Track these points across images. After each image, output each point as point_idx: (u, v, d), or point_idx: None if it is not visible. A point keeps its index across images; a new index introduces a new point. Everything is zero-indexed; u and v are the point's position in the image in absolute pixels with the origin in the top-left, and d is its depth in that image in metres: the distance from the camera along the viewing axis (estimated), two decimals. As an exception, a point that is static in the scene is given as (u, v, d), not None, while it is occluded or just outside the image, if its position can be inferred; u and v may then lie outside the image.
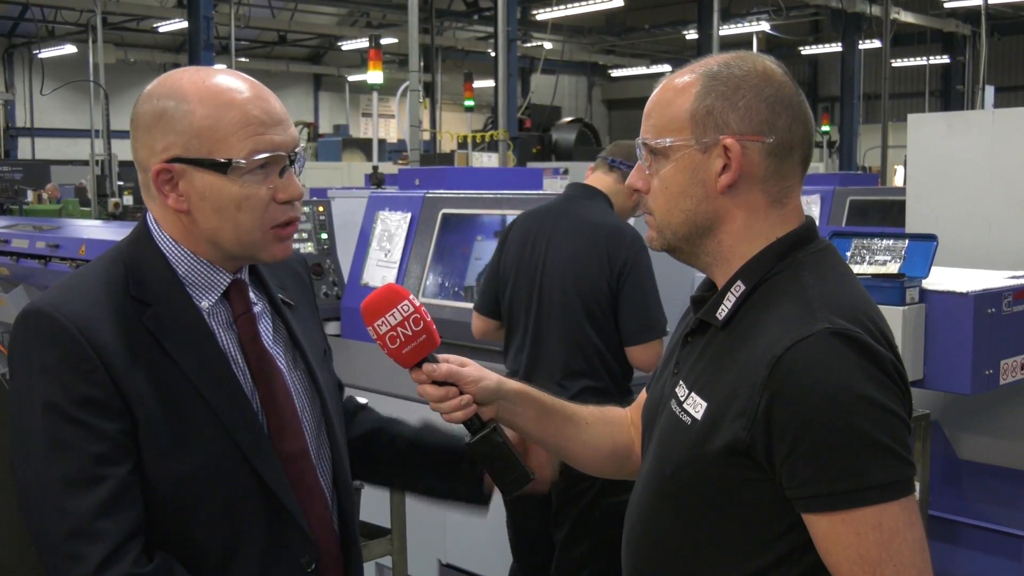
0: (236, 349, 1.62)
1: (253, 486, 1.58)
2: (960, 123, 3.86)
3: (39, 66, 25.85)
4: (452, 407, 1.63)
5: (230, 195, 1.53)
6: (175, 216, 1.58)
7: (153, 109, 1.55)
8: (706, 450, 1.42)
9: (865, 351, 1.34)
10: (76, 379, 1.47)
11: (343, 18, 27.26)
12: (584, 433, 1.80)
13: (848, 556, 1.33)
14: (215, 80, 1.56)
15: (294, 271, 1.83)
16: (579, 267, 3.36)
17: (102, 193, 15.99)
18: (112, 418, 1.48)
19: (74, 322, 1.48)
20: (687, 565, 1.49)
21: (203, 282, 1.61)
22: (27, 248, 6.34)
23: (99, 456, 1.46)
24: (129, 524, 1.47)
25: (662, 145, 1.49)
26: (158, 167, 1.54)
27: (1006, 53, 26.86)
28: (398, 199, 5.12)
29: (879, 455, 1.31)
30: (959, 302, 2.75)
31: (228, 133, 1.52)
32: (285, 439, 1.63)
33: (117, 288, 1.55)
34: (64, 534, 1.45)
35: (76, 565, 1.44)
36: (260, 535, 1.59)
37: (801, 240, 1.49)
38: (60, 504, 1.45)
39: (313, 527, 1.65)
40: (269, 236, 1.59)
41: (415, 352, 1.60)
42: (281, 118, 1.58)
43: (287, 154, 1.57)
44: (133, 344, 1.51)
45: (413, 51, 11.60)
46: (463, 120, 21.26)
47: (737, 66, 1.48)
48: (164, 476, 1.52)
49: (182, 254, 1.60)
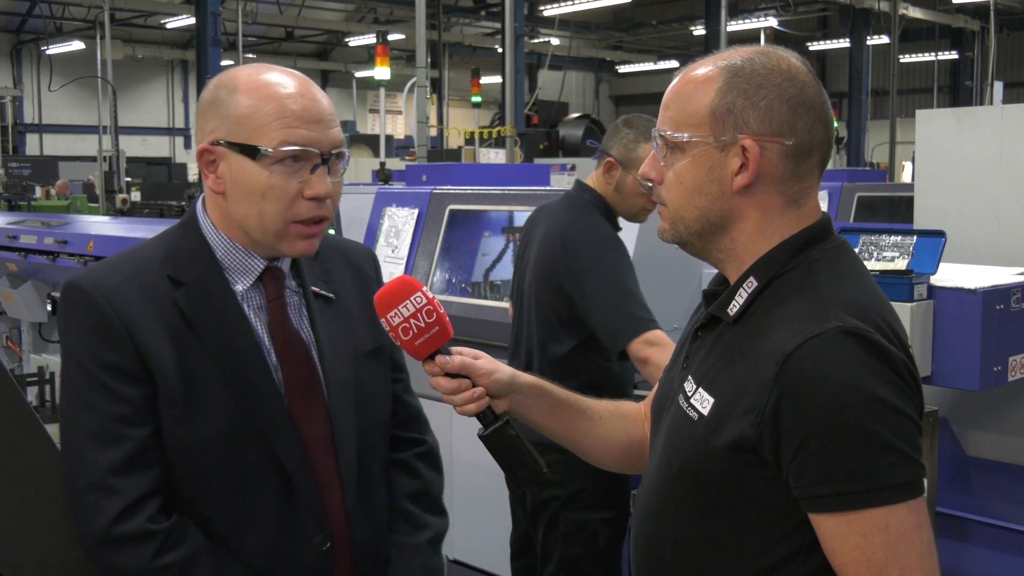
0: (264, 331, 1.70)
1: (268, 462, 1.65)
2: (969, 119, 3.85)
3: (47, 62, 25.95)
4: (465, 399, 1.62)
5: (257, 182, 1.61)
6: (215, 199, 1.69)
7: (210, 97, 1.67)
8: (712, 446, 1.41)
9: (876, 351, 1.32)
10: (102, 346, 1.60)
11: (350, 14, 27.26)
12: (598, 428, 1.79)
13: (854, 557, 1.31)
14: (266, 75, 1.66)
15: (355, 265, 1.89)
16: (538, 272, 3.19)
17: (110, 189, 16.04)
18: (133, 384, 1.60)
19: (104, 295, 1.61)
20: (694, 561, 1.48)
21: (239, 266, 1.70)
22: (35, 244, 6.35)
23: (120, 417, 1.59)
24: (146, 483, 1.59)
25: (680, 140, 1.47)
26: (202, 147, 1.66)
27: (1015, 49, 26.77)
28: (405, 195, 5.12)
29: (888, 456, 1.30)
30: (967, 298, 2.74)
31: (264, 122, 1.60)
32: (306, 422, 1.69)
33: (153, 268, 1.67)
34: (85, 485, 1.59)
35: (94, 516, 1.58)
36: (272, 510, 1.66)
37: (816, 237, 1.47)
38: (82, 456, 1.60)
39: (329, 510, 1.70)
40: (292, 230, 1.65)
41: (428, 344, 1.60)
42: (321, 117, 1.64)
43: (320, 152, 1.62)
44: (160, 319, 1.63)
45: (420, 47, 11.59)
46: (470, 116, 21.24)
47: (761, 63, 1.45)
48: (179, 442, 1.62)
49: (221, 239, 1.70)
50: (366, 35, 25.13)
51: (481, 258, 4.99)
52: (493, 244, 5.02)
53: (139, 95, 29.62)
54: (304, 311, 1.76)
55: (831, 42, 26.60)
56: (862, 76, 23.19)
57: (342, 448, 1.73)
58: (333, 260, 1.84)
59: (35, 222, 7.16)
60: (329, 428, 1.72)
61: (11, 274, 6.84)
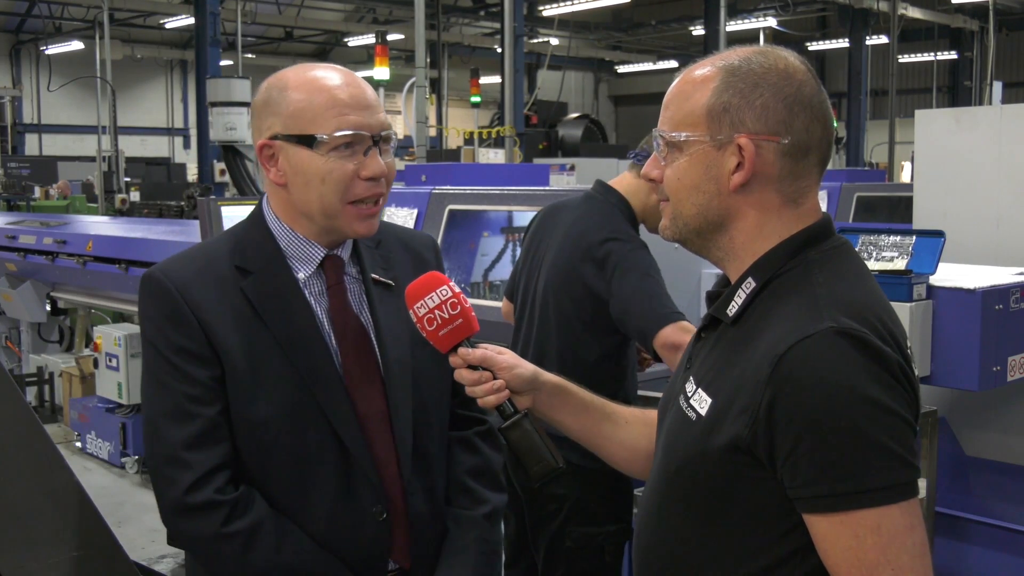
0: (325, 315, 1.82)
1: (328, 437, 1.77)
2: (968, 119, 3.85)
3: (46, 62, 25.97)
4: (485, 391, 1.66)
5: (316, 168, 1.73)
6: (277, 191, 1.81)
7: (263, 98, 1.80)
8: (709, 446, 1.41)
9: (870, 351, 1.32)
10: (174, 331, 1.74)
11: (349, 14, 27.27)
12: (622, 432, 1.79)
13: (846, 558, 1.31)
14: (314, 72, 1.79)
15: (416, 252, 1.99)
16: (557, 270, 3.10)
17: (109, 189, 16.04)
18: (203, 366, 1.73)
19: (175, 284, 1.75)
20: (692, 562, 1.48)
21: (301, 255, 1.83)
22: (34, 244, 6.35)
23: (192, 397, 1.73)
24: (216, 457, 1.72)
25: (678, 139, 1.48)
26: (261, 143, 1.78)
27: (1014, 49, 26.80)
28: (405, 195, 5.12)
29: (880, 457, 1.29)
30: (967, 298, 2.74)
31: (317, 113, 1.73)
32: (364, 400, 1.80)
33: (222, 259, 1.81)
34: (162, 459, 1.73)
35: (169, 487, 1.72)
36: (332, 483, 1.78)
37: (814, 237, 1.48)
38: (159, 432, 1.74)
39: (386, 482, 1.81)
40: (351, 211, 1.76)
41: (452, 335, 1.66)
42: (369, 103, 1.77)
43: (371, 135, 1.75)
44: (228, 305, 1.76)
45: (420, 47, 11.60)
46: (469, 116, 21.27)
47: (758, 62, 1.45)
48: (245, 420, 1.75)
49: (283, 230, 1.83)
50: (365, 35, 25.14)
51: (480, 258, 4.99)
52: (492, 244, 5.02)
53: (138, 95, 29.63)
54: (364, 297, 1.87)
55: (830, 42, 26.62)
56: (861, 76, 23.20)
57: (398, 424, 1.83)
58: (394, 248, 1.95)
59: (34, 222, 7.16)
60: (386, 405, 1.82)
61: (10, 274, 6.84)
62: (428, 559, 1.88)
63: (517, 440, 1.67)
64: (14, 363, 7.42)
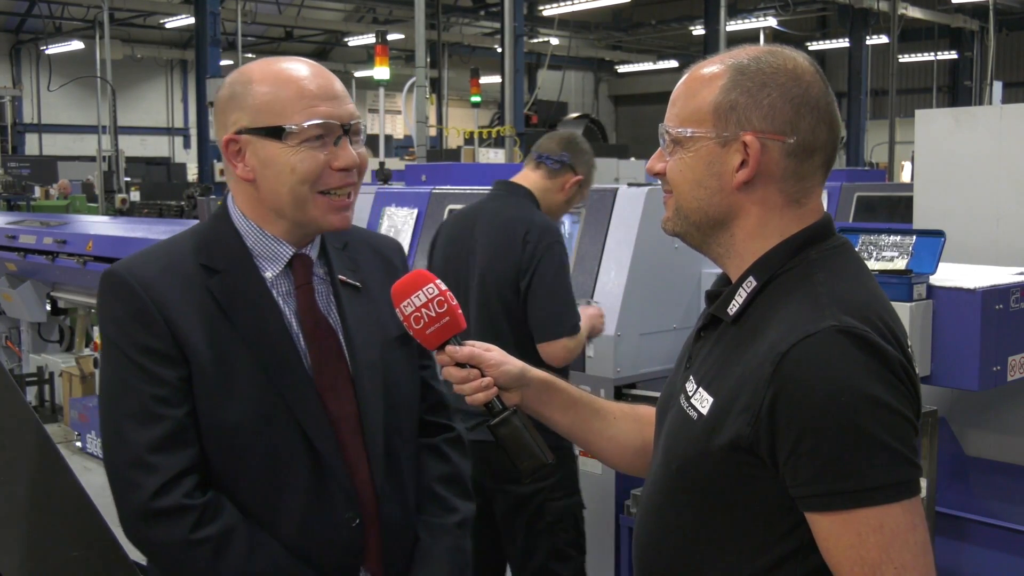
0: (293, 315, 1.77)
1: (298, 440, 1.72)
2: (968, 119, 3.85)
3: (46, 62, 25.96)
4: (473, 388, 1.65)
5: (286, 160, 1.69)
6: (244, 188, 1.76)
7: (227, 94, 1.76)
8: (711, 446, 1.41)
9: (872, 350, 1.32)
10: (139, 330, 1.68)
11: (349, 14, 27.28)
12: (611, 428, 1.79)
13: (848, 557, 1.31)
14: (279, 65, 1.75)
15: (385, 257, 1.96)
16: (495, 264, 3.29)
17: (109, 189, 16.04)
18: (170, 366, 1.68)
19: (140, 282, 1.69)
20: (693, 560, 1.48)
21: (268, 254, 1.78)
22: (34, 244, 6.35)
23: (157, 398, 1.66)
24: (183, 460, 1.66)
25: (683, 135, 1.48)
26: (227, 138, 1.74)
27: (1014, 48, 26.79)
28: (405, 195, 5.12)
29: (882, 456, 1.29)
30: (967, 298, 2.74)
31: (286, 105, 1.69)
32: (334, 402, 1.76)
33: (187, 257, 1.75)
34: (126, 462, 1.66)
35: (134, 491, 1.64)
36: (303, 488, 1.72)
37: (815, 237, 1.48)
38: (123, 435, 1.66)
39: (358, 488, 1.76)
40: (323, 202, 1.72)
41: (439, 333, 1.66)
42: (337, 93, 1.74)
43: (341, 124, 1.72)
44: (194, 304, 1.70)
45: (420, 47, 11.60)
46: (469, 116, 21.26)
47: (767, 62, 1.46)
48: (213, 422, 1.69)
49: (251, 228, 1.78)
50: (365, 35, 25.13)
51: (480, 258, 4.97)
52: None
53: (138, 95, 29.63)
54: (332, 298, 1.83)
55: (830, 42, 26.60)
56: (861, 76, 23.20)
57: (369, 427, 1.79)
58: (361, 251, 1.92)
59: (34, 222, 7.15)
60: (356, 408, 1.78)
61: (10, 274, 6.83)
62: (400, 567, 1.84)
63: (506, 436, 1.67)
64: (14, 363, 7.42)
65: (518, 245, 3.24)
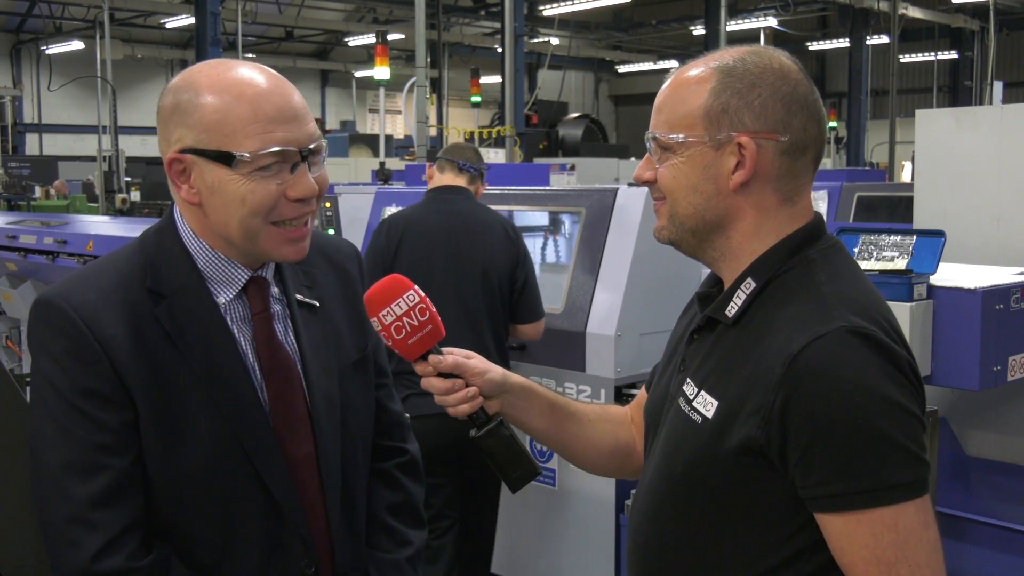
0: (248, 345, 1.60)
1: (254, 486, 1.57)
2: (968, 119, 3.85)
3: (47, 62, 25.93)
4: (458, 399, 1.59)
5: (236, 190, 1.50)
6: (191, 210, 1.58)
7: (171, 102, 1.54)
8: (718, 449, 1.40)
9: (882, 350, 1.33)
10: (80, 370, 1.49)
11: (350, 14, 27.26)
12: (587, 430, 1.78)
13: (863, 556, 1.32)
14: (230, 73, 1.53)
15: (339, 266, 1.80)
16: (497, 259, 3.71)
17: (109, 189, 16.04)
18: (114, 410, 1.50)
19: (80, 314, 1.50)
20: (696, 565, 1.48)
21: (221, 277, 1.60)
22: (35, 244, 6.34)
23: (100, 446, 1.49)
24: (127, 516, 1.50)
25: (674, 141, 1.47)
26: (171, 157, 1.54)
27: (1014, 48, 26.78)
28: (405, 195, 5.12)
29: (896, 455, 1.30)
30: (967, 298, 2.74)
31: (237, 128, 1.49)
32: (291, 441, 1.61)
33: (132, 280, 1.56)
34: (64, 519, 1.48)
35: (74, 552, 1.47)
36: (258, 536, 1.58)
37: (811, 237, 1.48)
38: (61, 488, 1.49)
39: (314, 533, 1.64)
40: (275, 234, 1.54)
41: (420, 343, 1.56)
42: (296, 114, 1.53)
43: (299, 150, 1.52)
44: (141, 336, 1.52)
45: (420, 47, 11.60)
46: (470, 116, 21.26)
47: (753, 62, 1.46)
48: (163, 470, 1.53)
49: (201, 248, 1.60)
50: (366, 35, 25.11)
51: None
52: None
53: (138, 95, 29.60)
54: (288, 321, 1.67)
55: (830, 42, 26.60)
56: (862, 76, 23.19)
57: (326, 468, 1.66)
58: (316, 263, 1.74)
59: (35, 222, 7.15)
60: (314, 448, 1.64)
61: (11, 274, 6.84)
62: None
63: (493, 448, 1.60)
64: (14, 363, 7.41)
65: (509, 240, 3.76)
